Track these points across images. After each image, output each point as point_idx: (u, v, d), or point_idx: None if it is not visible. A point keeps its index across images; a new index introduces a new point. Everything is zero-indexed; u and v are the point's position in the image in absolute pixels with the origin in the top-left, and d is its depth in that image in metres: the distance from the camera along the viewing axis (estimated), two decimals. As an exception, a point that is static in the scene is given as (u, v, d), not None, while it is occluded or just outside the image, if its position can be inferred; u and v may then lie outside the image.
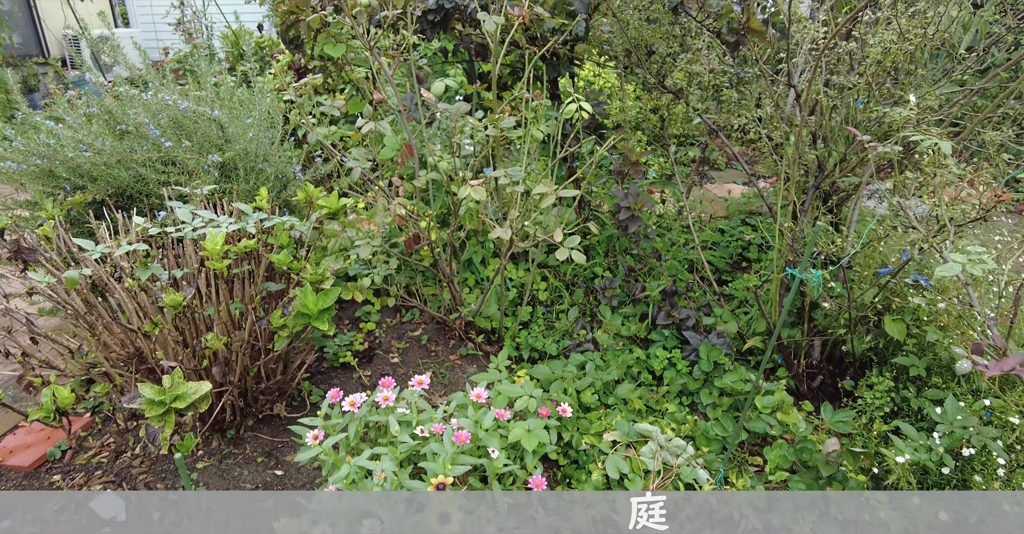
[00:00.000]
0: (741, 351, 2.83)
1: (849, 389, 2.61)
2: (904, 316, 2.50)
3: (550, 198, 2.06)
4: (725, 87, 2.96)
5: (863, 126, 2.49)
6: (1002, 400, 2.21)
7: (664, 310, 2.87)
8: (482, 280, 3.31)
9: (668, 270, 3.27)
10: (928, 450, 2.08)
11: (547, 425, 2.26)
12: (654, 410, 2.51)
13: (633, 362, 2.71)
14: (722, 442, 2.31)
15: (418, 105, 2.82)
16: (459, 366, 2.99)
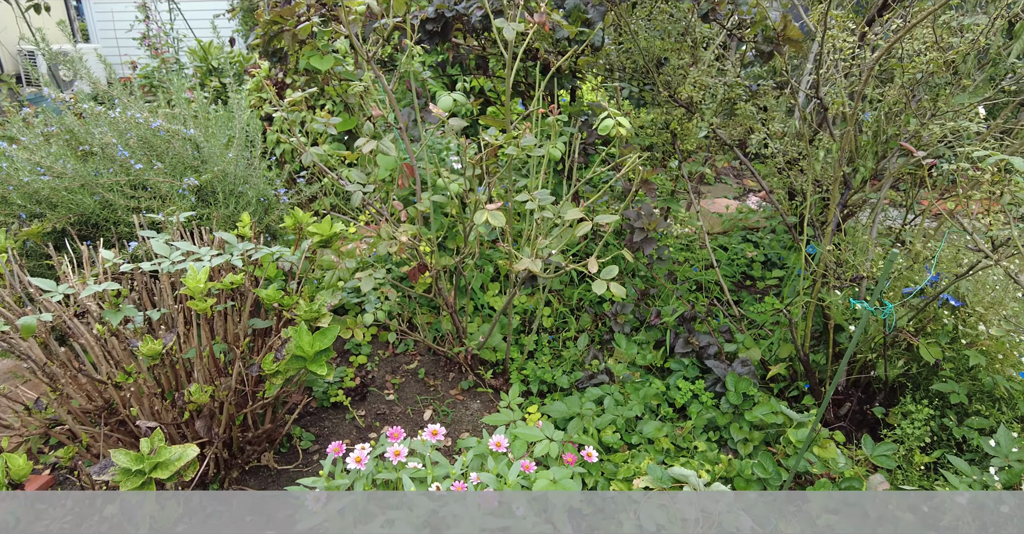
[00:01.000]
0: (764, 378, 2.67)
1: (880, 416, 2.46)
2: (939, 339, 2.37)
3: (585, 226, 1.87)
4: (741, 100, 2.82)
5: (894, 142, 2.37)
6: (1054, 429, 2.08)
7: (682, 337, 2.70)
8: (481, 307, 3.11)
9: (684, 295, 3.11)
10: (984, 486, 1.93)
11: (573, 474, 2.06)
12: (681, 448, 2.33)
13: (654, 395, 2.53)
14: (763, 484, 2.14)
15: (417, 122, 2.62)
16: (461, 402, 2.77)
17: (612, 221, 1.86)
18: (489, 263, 3.19)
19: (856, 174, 2.78)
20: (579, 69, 3.62)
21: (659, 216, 2.91)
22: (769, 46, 2.27)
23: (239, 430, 2.25)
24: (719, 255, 3.75)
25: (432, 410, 2.72)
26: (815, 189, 2.96)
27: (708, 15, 2.26)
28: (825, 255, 2.34)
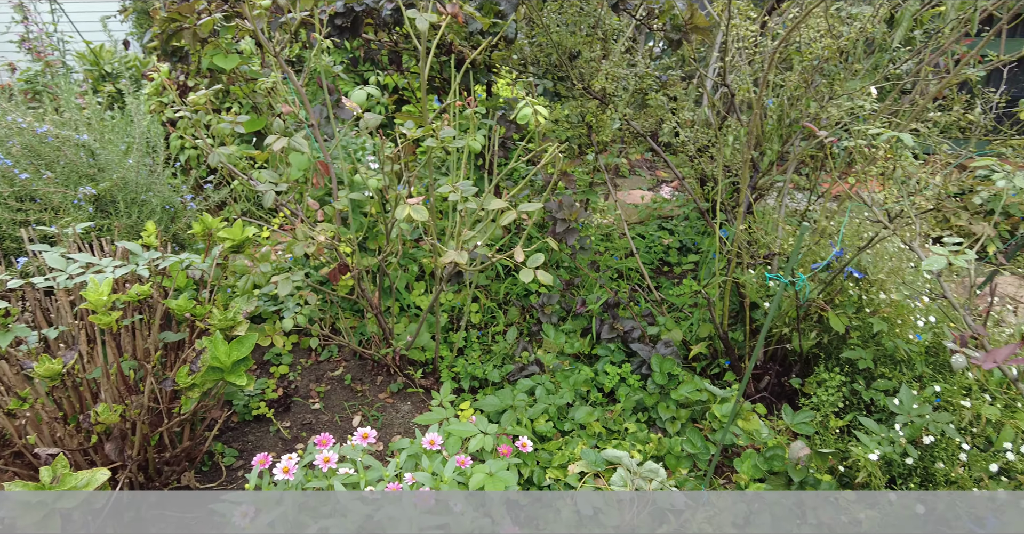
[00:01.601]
0: (687, 358, 2.76)
1: (797, 386, 2.59)
2: (846, 310, 2.51)
3: (509, 215, 1.87)
4: (652, 90, 2.90)
5: (797, 125, 2.49)
6: (948, 385, 2.24)
7: (607, 323, 2.74)
8: (407, 307, 3.06)
9: (607, 282, 3.16)
10: (891, 442, 2.06)
11: (509, 465, 2.05)
12: (613, 431, 2.37)
13: (583, 382, 2.56)
14: (692, 459, 2.20)
15: (330, 119, 2.55)
16: (392, 405, 2.72)
17: (534, 209, 1.87)
18: (413, 262, 3.15)
19: (763, 158, 2.92)
20: (494, 64, 3.63)
21: (580, 207, 2.95)
22: (677, 34, 2.34)
23: (155, 451, 2.12)
24: (637, 243, 3.85)
25: (361, 415, 2.65)
26: (725, 174, 3.08)
27: (618, 5, 2.31)
28: (738, 236, 2.44)
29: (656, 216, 4.37)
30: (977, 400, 2.15)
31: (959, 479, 1.97)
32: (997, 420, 2.04)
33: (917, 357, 2.44)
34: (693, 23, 2.27)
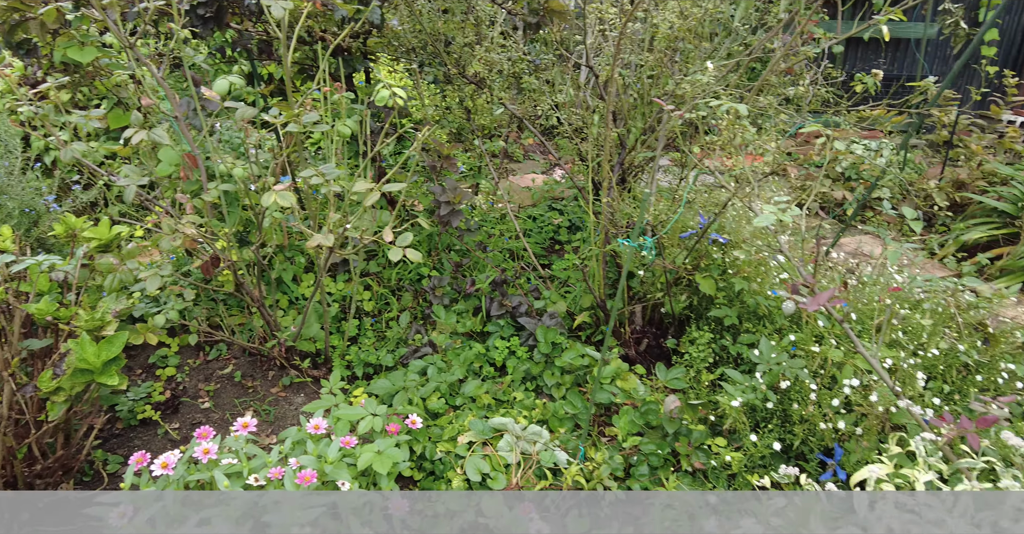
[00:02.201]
0: (572, 328, 2.88)
1: (672, 347, 2.77)
2: (712, 273, 2.70)
3: (373, 195, 1.89)
4: (525, 74, 2.99)
5: (656, 104, 2.65)
6: (802, 334, 2.46)
7: (496, 300, 2.83)
8: (297, 299, 3.03)
9: (494, 261, 3.25)
10: (753, 390, 2.25)
11: (398, 442, 2.10)
12: (502, 401, 2.46)
13: (474, 358, 2.64)
14: (574, 419, 2.32)
15: (197, 111, 2.49)
16: (284, 398, 2.70)
17: (397, 189, 1.91)
18: (300, 254, 3.12)
19: (630, 134, 3.08)
20: (371, 51, 3.62)
21: (464, 190, 3.01)
22: (535, 18, 2.43)
23: (23, 464, 2.03)
24: (529, 224, 3.96)
25: (253, 411, 2.62)
26: (599, 153, 3.23)
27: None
28: (605, 209, 2.58)
29: (549, 198, 4.50)
30: (825, 346, 2.37)
31: (810, 417, 2.18)
32: (839, 361, 2.27)
33: (776, 311, 2.66)
34: (549, 7, 2.36)
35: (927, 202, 4.51)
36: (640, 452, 2.17)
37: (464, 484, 2.06)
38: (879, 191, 2.99)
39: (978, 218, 4.22)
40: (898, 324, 2.44)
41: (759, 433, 2.22)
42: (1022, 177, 4.24)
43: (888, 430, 2.11)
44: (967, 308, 2.53)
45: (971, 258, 3.95)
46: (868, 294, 2.65)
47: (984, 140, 5.19)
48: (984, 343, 2.46)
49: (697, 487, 2.08)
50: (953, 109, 5.01)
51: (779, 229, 2.34)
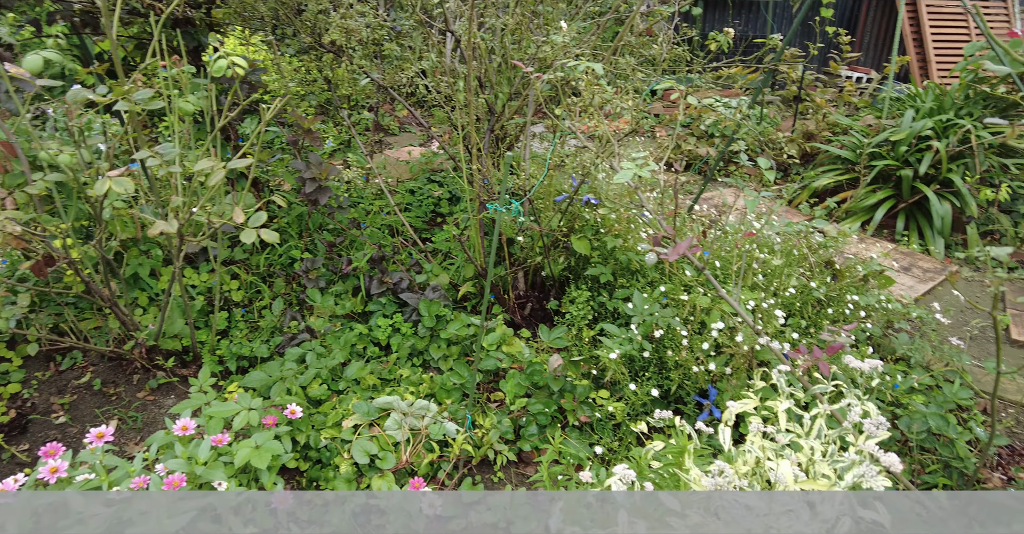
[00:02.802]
0: (457, 300, 2.86)
1: (555, 308, 2.81)
2: (586, 233, 2.75)
3: (218, 173, 1.74)
4: (386, 41, 2.86)
5: (520, 68, 2.62)
6: (671, 284, 2.57)
7: (376, 278, 2.74)
8: (157, 295, 2.80)
9: (371, 238, 3.14)
10: (630, 341, 2.32)
11: (277, 434, 2.00)
12: (388, 380, 2.40)
13: (356, 339, 2.55)
14: (461, 389, 2.31)
15: (10, 93, 2.19)
16: (153, 402, 2.50)
17: (243, 165, 1.77)
18: (158, 247, 2.87)
19: (497, 100, 3.04)
20: (216, 22, 3.34)
21: (331, 165, 2.87)
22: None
23: None
24: (408, 198, 3.86)
25: (118, 419, 2.41)
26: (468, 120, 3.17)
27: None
28: (477, 176, 2.54)
29: (427, 170, 4.41)
30: (693, 294, 2.49)
31: (684, 362, 2.29)
32: (707, 307, 2.38)
33: (647, 267, 2.76)
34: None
35: (781, 153, 4.82)
36: (528, 413, 2.19)
37: (353, 468, 2.00)
38: (736, 144, 3.16)
39: (825, 166, 4.57)
40: (758, 268, 2.60)
41: (638, 382, 2.30)
42: (859, 127, 4.62)
43: (754, 367, 2.25)
44: (817, 248, 2.73)
45: (821, 203, 4.29)
46: (730, 242, 2.80)
47: (827, 94, 5.61)
48: (833, 279, 2.67)
49: (584, 440, 2.14)
50: (800, 66, 5.37)
51: (639, 184, 2.41)
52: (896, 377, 2.30)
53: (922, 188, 3.91)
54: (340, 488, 1.95)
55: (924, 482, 2.04)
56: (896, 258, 3.65)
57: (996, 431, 1.88)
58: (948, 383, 2.31)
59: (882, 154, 4.23)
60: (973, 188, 3.87)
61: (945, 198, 3.89)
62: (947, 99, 4.29)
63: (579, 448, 2.03)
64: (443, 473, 2.04)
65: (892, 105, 4.76)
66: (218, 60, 1.88)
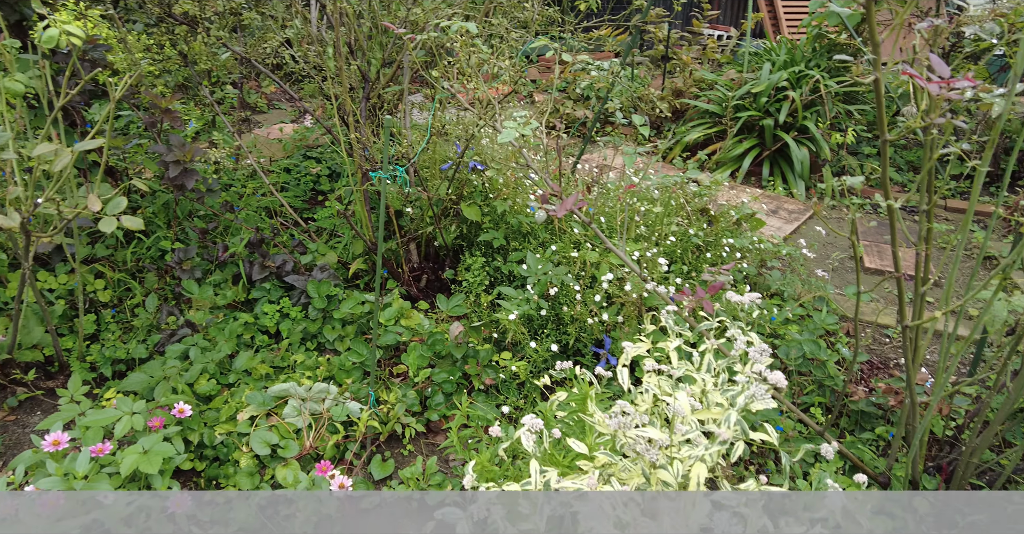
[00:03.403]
0: (348, 278, 2.77)
1: (451, 278, 2.79)
2: (476, 199, 2.73)
3: (63, 158, 1.56)
4: (244, 9, 2.66)
5: (392, 33, 2.52)
6: (561, 243, 2.61)
7: (256, 263, 2.60)
8: (7, 304, 2.51)
9: (246, 221, 2.96)
10: (527, 301, 2.35)
11: (166, 436, 1.87)
12: (282, 368, 2.30)
13: (242, 329, 2.42)
14: (362, 368, 2.25)
15: None
16: (16, 421, 2.26)
17: (93, 147, 1.60)
18: (2, 250, 2.56)
19: (371, 67, 2.93)
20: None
21: (196, 147, 2.66)
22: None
23: None
24: (285, 177, 3.68)
25: (-24, 444, 2.16)
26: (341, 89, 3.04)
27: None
28: (356, 145, 2.45)
29: (302, 147, 4.21)
30: (583, 250, 2.54)
31: (579, 316, 2.34)
32: (596, 262, 2.45)
33: (538, 227, 2.79)
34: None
35: (654, 109, 4.99)
36: (433, 383, 2.18)
37: (254, 461, 1.91)
38: (611, 103, 3.23)
39: (695, 121, 4.79)
40: (639, 220, 2.70)
41: (538, 340, 2.34)
42: (723, 82, 4.87)
43: (644, 313, 2.35)
44: (693, 197, 2.87)
45: (693, 156, 4.50)
46: (612, 198, 2.88)
47: (692, 52, 5.85)
48: (709, 225, 2.82)
49: (491, 402, 2.15)
50: (665, 25, 5.55)
51: (523, 144, 2.41)
52: (772, 310, 2.48)
53: (783, 136, 4.20)
54: (242, 483, 1.86)
55: (803, 402, 2.22)
56: (764, 202, 3.91)
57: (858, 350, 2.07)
58: (817, 311, 2.52)
59: (745, 106, 4.48)
60: (825, 133, 4.20)
61: (803, 144, 4.20)
62: (798, 52, 4.59)
63: (487, 410, 2.05)
64: (350, 454, 1.99)
65: (751, 60, 5.04)
66: (47, 29, 1.67)
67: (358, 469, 1.98)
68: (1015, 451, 1.82)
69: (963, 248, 1.59)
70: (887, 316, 2.85)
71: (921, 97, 1.30)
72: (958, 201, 4.05)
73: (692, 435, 1.16)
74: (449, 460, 2.07)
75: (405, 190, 2.81)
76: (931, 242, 1.62)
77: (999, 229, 3.72)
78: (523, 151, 2.20)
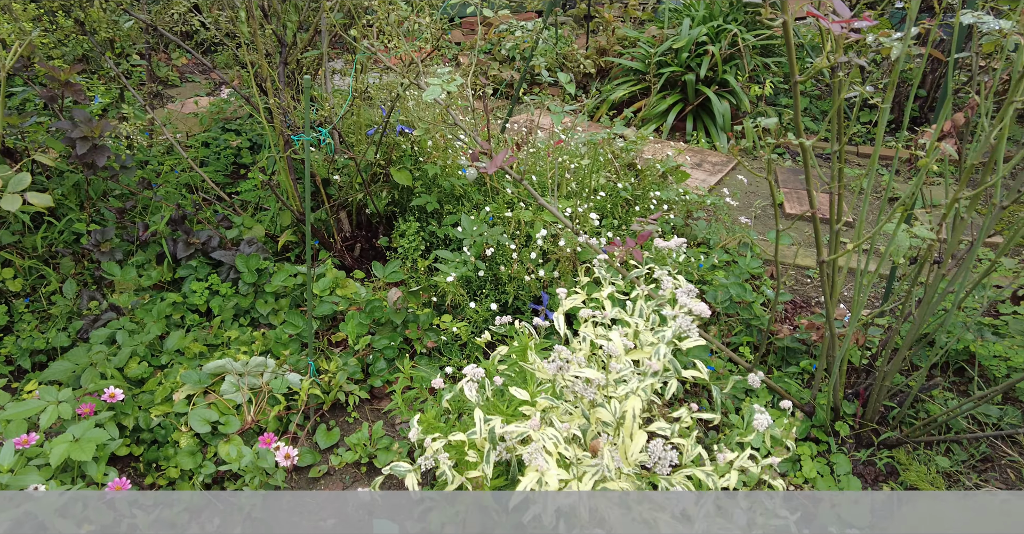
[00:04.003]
0: (278, 251, 2.70)
1: (386, 245, 2.77)
2: (406, 164, 2.69)
3: None
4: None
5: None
6: (495, 204, 2.61)
7: (180, 241, 2.50)
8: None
9: (166, 198, 2.83)
10: (464, 263, 2.35)
11: (98, 422, 1.80)
12: (216, 345, 2.24)
13: (171, 309, 2.33)
14: (299, 340, 2.22)
15: None
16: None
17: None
18: None
19: (286, 30, 2.81)
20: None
21: (104, 122, 2.51)
22: None
23: None
24: (204, 152, 3.52)
25: None
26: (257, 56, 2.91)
27: None
28: (276, 111, 2.36)
29: (220, 120, 4.02)
30: (516, 210, 2.56)
31: (516, 274, 2.37)
32: (530, 220, 2.47)
33: (471, 189, 2.78)
34: None
35: (579, 69, 5.00)
36: (374, 350, 2.17)
37: (195, 440, 1.87)
38: (536, 62, 3.21)
39: (619, 79, 4.83)
40: (570, 177, 2.72)
41: (477, 300, 2.36)
42: (646, 38, 4.91)
43: (579, 268, 2.39)
44: (620, 153, 2.91)
45: (620, 114, 4.55)
46: (543, 158, 2.89)
47: (614, 10, 5.86)
48: (636, 179, 2.87)
49: (434, 364, 2.17)
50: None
51: (449, 102, 2.39)
52: (699, 258, 2.57)
53: (704, 90, 4.29)
54: (184, 463, 1.82)
55: (732, 343, 2.33)
56: (689, 156, 4.01)
57: (781, 290, 2.18)
58: (742, 257, 2.63)
59: (668, 62, 4.54)
60: (745, 86, 4.32)
61: (724, 98, 4.30)
62: (716, 7, 4.67)
63: (430, 372, 2.06)
64: (294, 425, 1.97)
65: (672, 16, 5.09)
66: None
67: (303, 439, 1.97)
68: (920, 373, 1.97)
69: (872, 190, 1.68)
70: (807, 258, 3.01)
71: (827, 39, 1.35)
72: (868, 147, 4.26)
73: (626, 373, 1.20)
74: (396, 423, 2.08)
75: (331, 156, 2.74)
76: (842, 181, 1.71)
77: (904, 172, 3.95)
78: (450, 110, 2.18)
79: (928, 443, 2.04)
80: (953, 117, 1.88)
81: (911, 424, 2.04)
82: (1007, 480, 1.94)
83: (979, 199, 1.73)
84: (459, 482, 1.23)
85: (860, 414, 2.05)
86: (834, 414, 2.06)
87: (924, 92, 4.34)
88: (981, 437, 2.05)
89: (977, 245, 1.75)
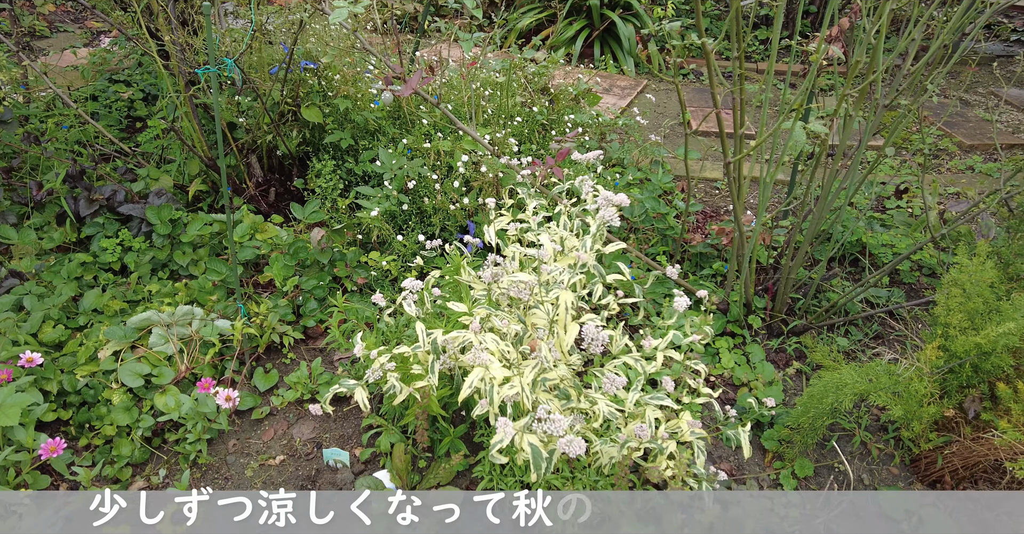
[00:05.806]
0: (190, 202, 2.59)
1: (302, 187, 2.70)
2: (314, 100, 2.60)
3: None
4: None
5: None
6: (412, 136, 2.58)
7: (82, 198, 2.35)
8: None
9: (59, 154, 2.63)
10: (387, 198, 2.34)
11: (19, 387, 1.73)
12: (137, 301, 2.17)
13: (81, 270, 2.22)
14: (224, 287, 2.17)
15: None
16: None
17: None
18: None
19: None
20: None
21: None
22: None
23: None
24: (93, 105, 3.27)
25: None
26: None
27: None
28: (171, 48, 2.22)
29: (106, 71, 3.72)
30: (435, 141, 2.54)
31: (441, 205, 2.38)
32: (450, 150, 2.46)
33: (385, 122, 2.73)
34: None
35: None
36: (303, 290, 2.16)
37: (128, 396, 1.83)
38: (438, -10, 3.13)
39: (526, 6, 4.76)
40: (486, 104, 2.72)
41: (404, 234, 2.36)
42: (548, -37, 4.82)
43: (503, 192, 2.43)
44: (533, 77, 2.92)
45: (528, 43, 4.51)
46: (456, 87, 2.86)
47: (513, -64, 5.70)
48: (550, 103, 2.90)
49: (367, 300, 2.18)
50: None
51: (356, 26, 2.31)
52: (615, 177, 2.65)
53: (609, 14, 4.30)
54: (120, 420, 1.79)
55: (650, 252, 2.46)
56: (598, 81, 4.04)
57: (692, 201, 2.30)
58: (654, 174, 2.73)
59: (571, -12, 4.51)
60: (647, 8, 4.35)
61: (628, 21, 4.33)
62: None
63: (364, 306, 2.07)
64: (230, 371, 1.96)
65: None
66: None
67: (241, 384, 1.96)
68: (820, 266, 2.15)
69: (770, 105, 1.78)
70: (715, 171, 3.15)
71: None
72: (765, 64, 4.42)
73: (556, 273, 1.26)
74: (334, 360, 2.10)
75: (234, 99, 2.61)
76: (743, 86, 1.79)
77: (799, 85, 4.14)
78: (357, 34, 2.11)
79: (830, 327, 2.25)
80: (839, 21, 1.99)
81: (815, 312, 2.23)
82: (896, 351, 2.18)
83: (864, 96, 1.86)
84: (407, 393, 1.28)
85: (770, 307, 2.23)
86: (747, 309, 2.23)
87: (815, 8, 4.51)
88: (873, 315, 2.28)
89: (864, 141, 1.89)
